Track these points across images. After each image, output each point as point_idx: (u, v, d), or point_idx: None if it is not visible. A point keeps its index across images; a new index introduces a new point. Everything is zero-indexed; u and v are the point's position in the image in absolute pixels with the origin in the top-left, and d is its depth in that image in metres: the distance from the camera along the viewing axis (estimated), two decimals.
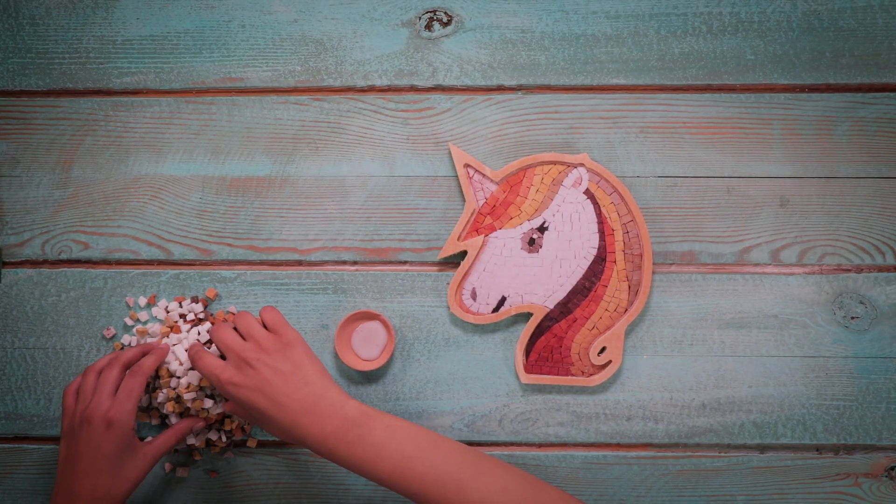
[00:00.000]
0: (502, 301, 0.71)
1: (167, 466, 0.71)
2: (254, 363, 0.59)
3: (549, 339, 0.71)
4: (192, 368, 0.67)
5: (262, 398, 0.59)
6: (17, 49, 0.76)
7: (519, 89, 0.74)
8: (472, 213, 0.71)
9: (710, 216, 0.72)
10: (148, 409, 0.70)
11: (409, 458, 0.57)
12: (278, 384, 0.59)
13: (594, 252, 0.71)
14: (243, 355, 0.60)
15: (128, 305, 0.73)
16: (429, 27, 0.75)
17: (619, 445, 0.71)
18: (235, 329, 0.64)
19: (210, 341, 0.67)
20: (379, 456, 0.57)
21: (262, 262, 0.73)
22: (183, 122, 0.75)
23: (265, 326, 0.64)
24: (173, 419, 0.68)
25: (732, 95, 0.73)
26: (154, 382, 0.68)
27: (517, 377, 0.71)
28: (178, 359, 0.67)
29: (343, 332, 0.71)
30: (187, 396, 0.66)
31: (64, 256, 0.74)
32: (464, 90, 0.74)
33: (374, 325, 0.71)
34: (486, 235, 0.71)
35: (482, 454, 0.59)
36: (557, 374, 0.71)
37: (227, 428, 0.69)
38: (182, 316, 0.72)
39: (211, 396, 0.68)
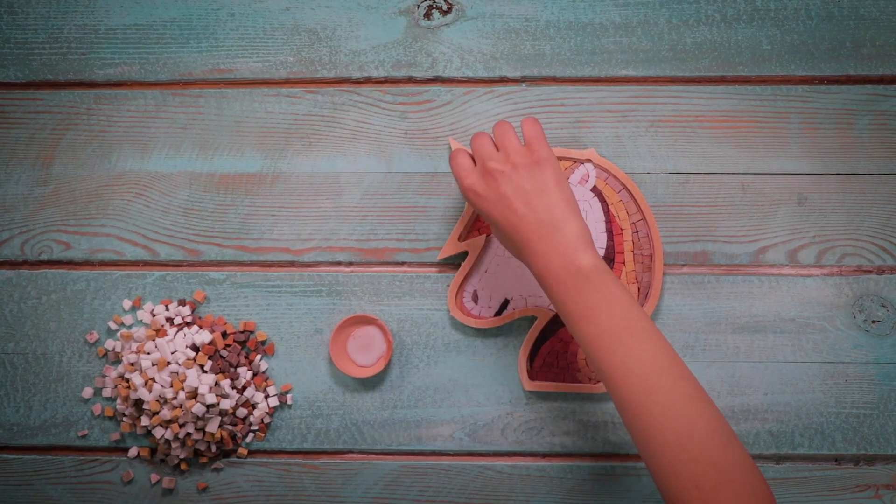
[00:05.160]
0: (505, 304, 0.69)
1: (153, 477, 0.69)
2: (497, 175, 0.57)
3: (555, 344, 0.69)
4: (173, 369, 0.65)
5: (498, 212, 0.58)
6: None
7: (523, 81, 0.72)
8: (473, 212, 0.69)
9: (723, 215, 0.70)
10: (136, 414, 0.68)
11: (613, 337, 0.54)
12: (516, 203, 0.57)
13: (602, 253, 0.69)
14: (489, 165, 0.58)
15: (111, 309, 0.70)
16: (428, 16, 0.72)
17: (628, 456, 0.69)
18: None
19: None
20: (586, 317, 0.55)
21: (252, 263, 0.71)
22: (169, 115, 0.72)
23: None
24: (158, 431, 0.67)
25: (748, 88, 0.71)
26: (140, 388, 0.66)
27: (521, 384, 0.69)
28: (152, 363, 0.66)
29: (338, 337, 0.68)
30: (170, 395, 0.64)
31: (44, 257, 0.71)
32: (465, 82, 0.72)
33: (371, 330, 0.69)
34: (489, 235, 0.69)
35: (690, 375, 0.55)
36: (563, 381, 0.69)
37: (217, 437, 0.67)
38: (169, 320, 0.70)
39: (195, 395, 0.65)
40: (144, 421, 0.67)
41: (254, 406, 0.69)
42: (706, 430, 0.52)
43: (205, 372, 0.67)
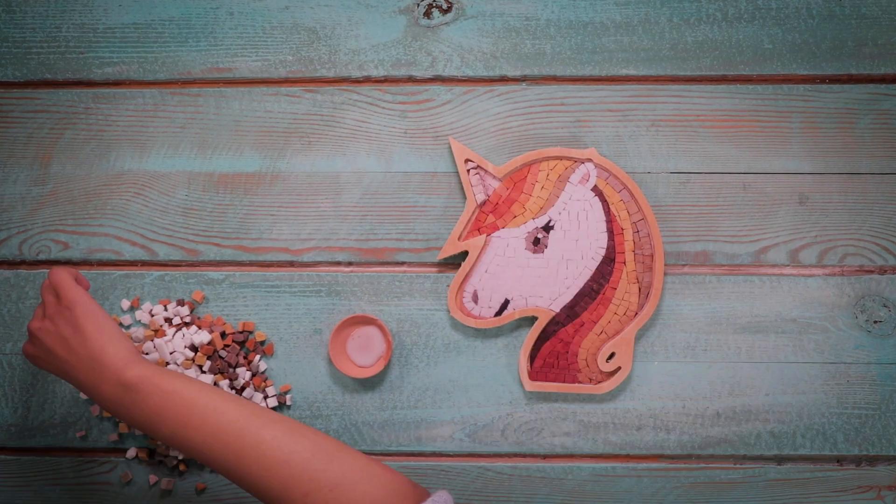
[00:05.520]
0: (505, 304, 0.68)
1: (152, 478, 0.69)
2: (36, 332, 0.59)
3: (555, 345, 0.68)
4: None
5: (50, 366, 0.59)
6: None
7: (523, 80, 0.71)
8: (473, 212, 0.69)
9: (725, 214, 0.70)
10: None
11: (186, 425, 0.55)
12: (59, 351, 0.58)
13: (602, 252, 0.68)
14: (29, 326, 0.60)
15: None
16: (428, 14, 0.72)
17: (628, 457, 0.69)
18: None
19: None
20: (155, 422, 0.56)
21: (251, 263, 0.71)
22: (168, 114, 0.72)
23: None
24: None
25: (749, 87, 0.70)
26: None
27: (521, 384, 0.69)
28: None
29: (338, 338, 0.68)
30: None
31: (42, 257, 0.71)
32: (465, 81, 0.71)
33: (371, 330, 0.68)
34: (489, 235, 0.69)
35: (272, 415, 0.55)
36: (564, 382, 0.68)
37: None
38: (167, 320, 0.70)
39: None
40: None
41: None
42: (304, 459, 0.53)
43: (203, 372, 0.67)
